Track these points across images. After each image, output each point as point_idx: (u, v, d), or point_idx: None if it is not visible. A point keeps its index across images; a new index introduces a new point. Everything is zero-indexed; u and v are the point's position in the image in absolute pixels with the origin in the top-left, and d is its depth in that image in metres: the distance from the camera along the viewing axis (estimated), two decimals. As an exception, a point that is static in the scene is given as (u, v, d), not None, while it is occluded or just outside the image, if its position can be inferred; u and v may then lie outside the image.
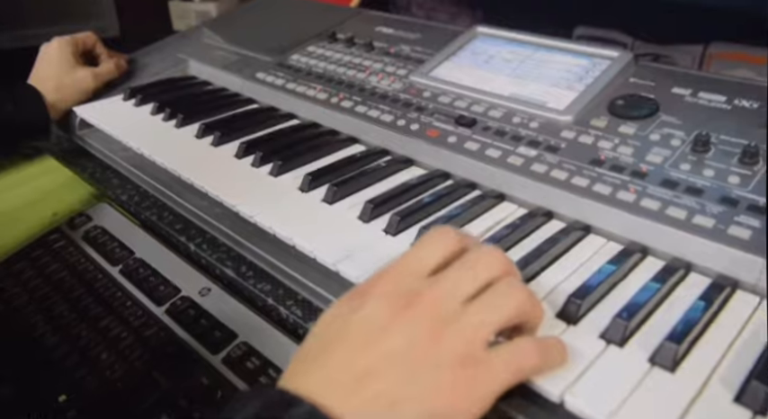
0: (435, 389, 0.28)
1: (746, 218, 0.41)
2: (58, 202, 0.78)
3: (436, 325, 0.29)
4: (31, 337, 0.55)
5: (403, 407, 0.27)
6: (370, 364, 0.28)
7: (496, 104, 0.59)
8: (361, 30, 0.80)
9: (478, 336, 0.30)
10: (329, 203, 0.51)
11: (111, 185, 0.70)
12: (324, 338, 0.30)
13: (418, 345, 0.29)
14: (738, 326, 0.36)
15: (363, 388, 0.27)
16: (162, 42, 0.91)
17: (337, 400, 0.26)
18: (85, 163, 0.75)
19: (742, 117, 0.51)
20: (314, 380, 0.27)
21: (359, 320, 0.30)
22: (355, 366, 0.28)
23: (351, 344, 0.29)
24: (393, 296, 0.30)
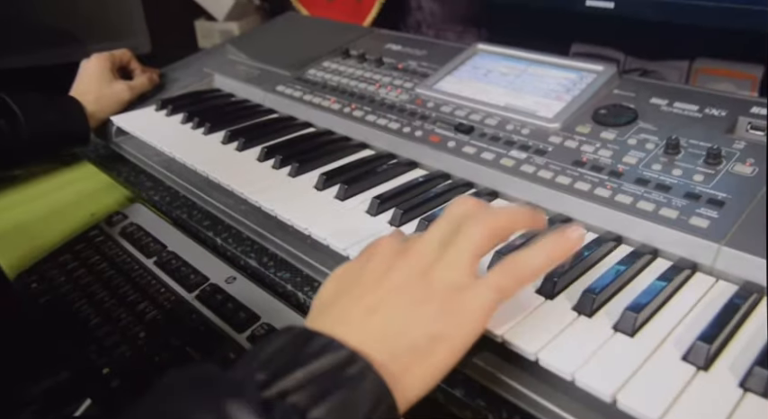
0: (432, 315, 0.34)
1: (706, 210, 0.47)
2: (95, 204, 0.86)
3: (425, 265, 0.35)
4: (77, 319, 0.62)
5: (407, 333, 0.33)
6: (376, 301, 0.34)
7: (492, 113, 0.65)
8: (372, 47, 0.87)
9: (461, 266, 0.35)
10: (341, 200, 0.58)
11: (144, 187, 0.77)
12: (336, 289, 0.37)
13: (413, 282, 0.35)
14: (693, 302, 0.42)
15: (371, 320, 0.33)
16: (189, 58, 0.99)
17: (350, 332, 0.32)
18: (121, 167, 0.82)
19: (710, 123, 0.57)
20: (329, 320, 0.34)
21: (364, 271, 0.36)
22: (363, 304, 0.34)
23: (358, 289, 0.35)
24: (391, 251, 0.37)
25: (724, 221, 0.46)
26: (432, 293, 0.34)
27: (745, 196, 0.48)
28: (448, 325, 0.34)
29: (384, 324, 0.33)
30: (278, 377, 0.29)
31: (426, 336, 0.33)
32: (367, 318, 0.33)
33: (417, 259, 0.36)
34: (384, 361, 0.31)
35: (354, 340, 0.31)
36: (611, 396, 0.35)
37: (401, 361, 0.32)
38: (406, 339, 0.33)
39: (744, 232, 0.45)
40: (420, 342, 0.33)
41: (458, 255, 0.36)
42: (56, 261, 0.71)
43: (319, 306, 0.36)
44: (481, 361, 0.41)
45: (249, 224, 0.61)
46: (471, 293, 0.35)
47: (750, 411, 0.33)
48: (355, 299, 0.34)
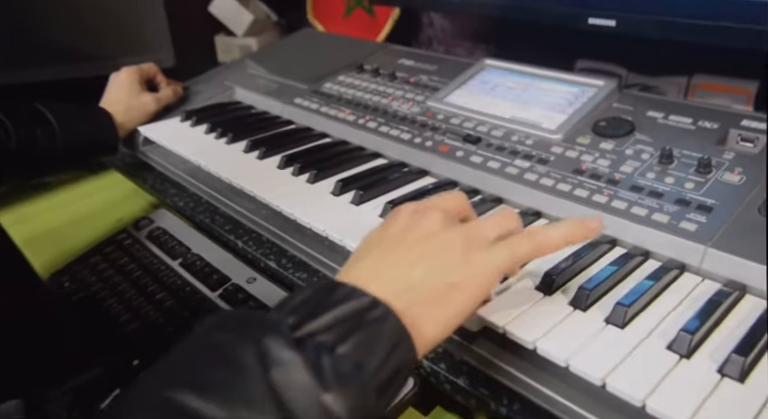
0: (451, 266, 0.37)
1: (695, 215, 0.51)
2: (121, 210, 0.90)
3: (445, 223, 0.40)
4: (108, 316, 0.66)
5: (427, 281, 0.37)
6: (397, 255, 0.38)
7: (498, 125, 0.69)
8: (385, 62, 0.91)
9: (479, 232, 0.40)
10: (356, 204, 0.62)
11: (169, 194, 0.81)
12: (362, 250, 0.40)
13: (433, 236, 0.39)
14: (680, 298, 0.46)
15: (393, 272, 0.37)
16: (211, 72, 1.04)
17: (373, 282, 0.36)
18: (146, 175, 0.87)
19: (703, 135, 0.61)
20: (355, 274, 0.37)
21: (387, 232, 0.40)
22: (386, 258, 0.38)
23: (381, 247, 0.39)
24: (411, 212, 0.41)
25: (711, 225, 0.50)
26: (453, 248, 0.38)
27: (733, 202, 0.51)
28: (465, 276, 0.37)
29: (405, 274, 0.37)
30: (307, 320, 0.33)
31: (445, 284, 0.37)
32: (388, 270, 0.37)
33: (436, 217, 0.40)
34: (404, 308, 0.35)
35: (376, 289, 0.35)
36: (601, 381, 0.38)
37: (418, 308, 0.36)
38: (426, 286, 0.36)
39: (729, 235, 0.48)
40: (439, 289, 0.37)
41: (478, 227, 0.40)
42: (87, 262, 0.75)
43: (346, 266, 0.40)
44: (485, 352, 0.44)
45: (269, 227, 0.65)
46: (488, 251, 0.39)
47: (726, 393, 0.37)
48: (378, 256, 0.38)
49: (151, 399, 0.31)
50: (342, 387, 0.30)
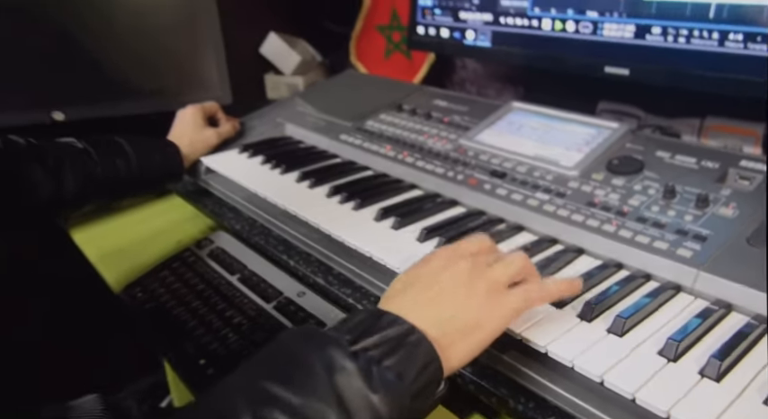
0: (476, 308, 0.46)
1: (691, 243, 0.59)
2: (182, 231, 1.01)
3: (473, 271, 0.48)
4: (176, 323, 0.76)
5: (455, 318, 0.45)
6: (432, 294, 0.47)
7: (522, 162, 0.78)
8: (422, 102, 1.01)
9: (500, 280, 0.48)
10: (396, 229, 0.71)
11: (227, 217, 0.91)
12: (402, 285, 0.49)
13: (462, 282, 0.47)
14: (674, 314, 0.53)
15: (428, 307, 0.46)
16: (264, 109, 1.15)
17: (412, 314, 0.44)
18: (206, 200, 0.97)
19: (704, 174, 0.68)
20: (396, 305, 0.46)
21: (423, 272, 0.49)
22: (423, 296, 0.47)
23: (419, 284, 0.48)
24: (446, 258, 0.50)
25: (705, 252, 0.57)
26: (476, 292, 0.47)
27: (725, 233, 0.59)
28: (485, 318, 0.46)
29: (438, 311, 0.46)
30: (361, 338, 0.42)
31: (469, 323, 0.46)
32: (425, 306, 0.46)
33: (470, 265, 0.49)
34: (435, 336, 0.44)
35: (414, 319, 0.44)
36: (599, 378, 0.46)
37: (448, 338, 0.45)
38: (455, 322, 0.45)
39: (719, 261, 0.56)
40: (464, 326, 0.46)
41: (500, 273, 0.49)
42: (156, 276, 0.85)
43: (388, 296, 0.49)
44: (505, 356, 0.52)
45: (318, 248, 0.74)
46: (506, 298, 0.48)
47: (703, 391, 0.44)
48: (417, 292, 0.48)
49: (244, 385, 0.41)
50: (386, 391, 0.40)
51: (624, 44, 0.81)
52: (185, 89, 1.13)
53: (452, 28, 1.02)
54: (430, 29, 1.05)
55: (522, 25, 0.92)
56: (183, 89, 1.13)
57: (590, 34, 0.85)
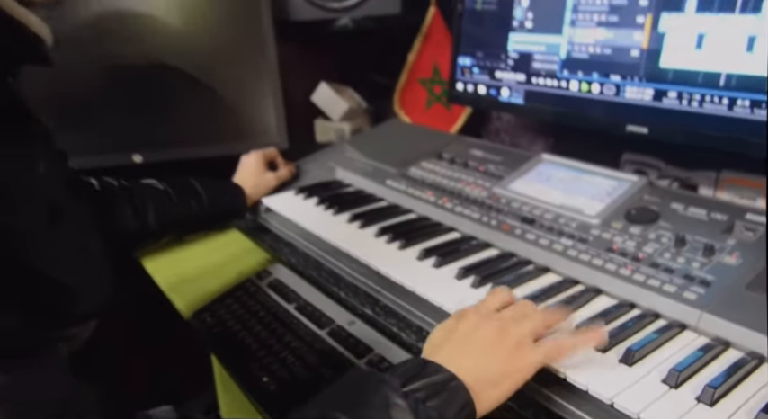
0: (502, 361, 0.55)
1: (697, 288, 0.67)
2: (242, 263, 1.12)
3: (502, 328, 0.57)
4: (241, 345, 0.86)
5: (487, 369, 0.55)
6: (467, 348, 0.56)
7: (550, 210, 0.87)
8: (460, 151, 1.12)
9: (524, 335, 0.58)
10: (436, 268, 0.81)
11: (284, 252, 1.02)
12: (442, 336, 0.59)
13: (492, 339, 0.57)
14: (678, 348, 0.62)
15: (465, 359, 0.55)
16: (316, 154, 1.27)
17: (452, 364, 0.54)
18: (264, 236, 1.09)
19: (713, 225, 0.77)
20: (439, 356, 0.56)
21: (460, 327, 0.59)
22: (460, 349, 0.56)
23: (456, 339, 0.58)
24: (478, 316, 0.59)
25: (708, 296, 0.66)
26: (504, 347, 0.57)
27: (727, 279, 0.67)
28: (511, 370, 0.56)
29: (474, 363, 0.55)
30: (410, 382, 0.52)
31: (498, 373, 0.55)
32: (463, 358, 0.56)
33: (498, 324, 0.59)
34: (470, 384, 0.53)
35: (454, 369, 0.54)
36: (610, 400, 0.55)
37: (480, 386, 0.54)
38: (487, 372, 0.55)
39: (720, 304, 0.64)
40: (495, 376, 0.55)
41: (524, 329, 0.58)
42: (222, 303, 0.97)
43: (431, 346, 0.59)
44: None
45: (366, 282, 0.85)
46: (530, 353, 0.57)
47: (698, 414, 0.53)
48: (455, 346, 0.57)
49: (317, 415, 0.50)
50: None
51: (644, 106, 0.91)
52: (248, 135, 1.26)
53: (489, 85, 1.13)
54: (468, 85, 1.16)
55: (552, 85, 1.02)
56: (245, 135, 1.27)
57: (613, 96, 0.95)
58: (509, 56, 1.08)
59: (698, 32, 0.83)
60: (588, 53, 0.97)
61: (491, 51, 1.11)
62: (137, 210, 0.92)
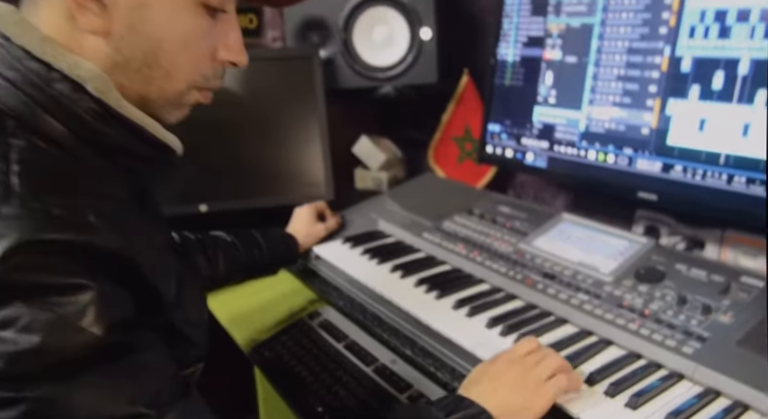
0: (525, 397, 0.69)
1: (694, 343, 0.79)
2: (291, 301, 1.26)
3: (526, 371, 0.71)
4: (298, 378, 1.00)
5: (512, 404, 0.68)
6: (498, 387, 0.69)
7: (569, 267, 1.00)
8: (488, 207, 1.25)
9: (543, 376, 0.70)
10: (469, 317, 0.94)
11: (332, 295, 1.15)
12: (477, 376, 0.72)
13: (517, 380, 0.70)
14: (675, 395, 0.73)
15: (494, 397, 0.68)
16: (359, 205, 1.42)
17: (484, 400, 0.67)
18: (313, 279, 1.22)
19: (712, 286, 0.88)
20: (473, 393, 0.69)
21: (491, 370, 0.72)
22: (491, 387, 0.69)
23: (489, 379, 0.71)
24: (507, 362, 0.73)
25: (703, 350, 0.77)
26: (530, 384, 0.70)
27: (721, 336, 0.79)
28: (532, 404, 0.69)
29: (501, 399, 0.69)
30: (450, 414, 0.65)
31: (521, 407, 0.68)
32: (493, 395, 0.69)
33: (524, 367, 0.72)
34: (498, 415, 0.66)
35: (485, 404, 0.67)
36: (615, 437, 0.67)
37: (506, 417, 0.67)
38: (511, 407, 0.68)
39: (714, 358, 0.76)
40: (517, 409, 0.68)
41: (542, 372, 0.71)
42: (279, 340, 1.10)
43: (467, 384, 0.73)
44: None
45: (406, 326, 0.97)
46: (546, 390, 0.70)
47: (687, 449, 0.64)
48: (485, 385, 0.71)
49: None
50: None
51: (653, 176, 1.04)
52: (299, 187, 1.41)
53: (515, 150, 1.27)
54: (497, 149, 1.30)
55: (572, 154, 1.16)
56: (297, 187, 1.42)
57: (626, 166, 1.07)
58: (534, 125, 1.22)
59: (700, 117, 0.96)
60: (604, 128, 1.10)
61: (518, 120, 1.25)
62: (209, 260, 1.07)
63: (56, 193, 0.51)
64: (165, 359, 0.55)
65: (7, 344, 0.45)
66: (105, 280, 0.50)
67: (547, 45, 1.20)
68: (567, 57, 1.16)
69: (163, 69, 0.60)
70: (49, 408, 0.46)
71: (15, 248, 0.46)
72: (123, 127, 0.59)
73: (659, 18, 1.01)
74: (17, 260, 0.46)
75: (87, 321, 0.47)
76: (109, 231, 0.51)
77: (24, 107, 0.54)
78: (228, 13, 0.62)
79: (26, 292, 0.46)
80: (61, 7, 0.56)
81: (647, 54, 1.03)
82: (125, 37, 0.57)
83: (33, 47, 0.54)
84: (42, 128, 0.55)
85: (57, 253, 0.48)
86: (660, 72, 1.02)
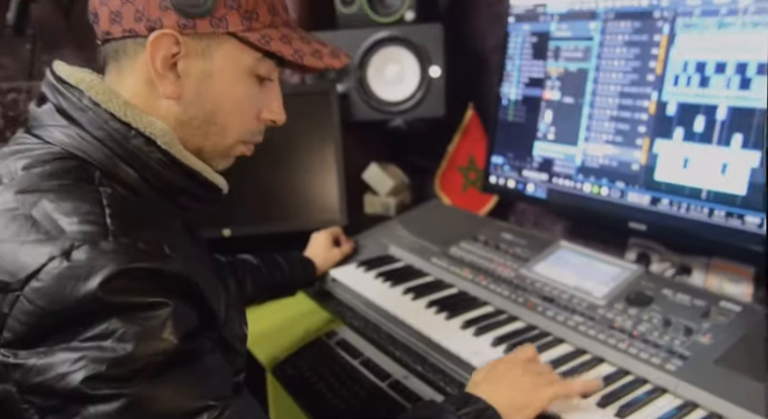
0: (525, 396, 0.78)
1: (676, 361, 0.88)
2: (308, 322, 1.35)
3: (526, 371, 0.81)
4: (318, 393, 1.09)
5: (514, 401, 0.77)
6: (501, 386, 0.79)
7: (566, 291, 1.10)
8: (492, 235, 1.35)
9: (541, 378, 0.80)
10: (476, 336, 1.03)
11: (347, 315, 1.25)
12: (483, 376, 0.82)
13: (518, 379, 0.80)
14: (658, 407, 0.83)
15: (498, 394, 0.78)
16: (371, 230, 1.52)
17: (489, 397, 0.76)
18: (329, 300, 1.32)
19: (694, 310, 0.98)
20: (479, 390, 0.78)
21: (496, 371, 0.82)
22: (494, 386, 0.79)
23: (494, 379, 0.80)
24: (509, 363, 0.82)
25: (684, 368, 0.87)
26: (529, 385, 0.80)
27: (700, 355, 0.89)
28: (531, 402, 0.79)
29: (504, 397, 0.78)
30: (460, 409, 0.74)
31: (522, 403, 0.78)
32: (496, 393, 0.78)
33: (523, 369, 0.82)
34: (501, 411, 0.76)
35: (490, 401, 0.76)
36: (605, 443, 0.76)
37: (509, 412, 0.77)
38: (513, 403, 0.77)
39: (693, 374, 0.85)
40: (519, 405, 0.78)
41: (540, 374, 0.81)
42: (299, 356, 1.20)
43: (474, 383, 0.82)
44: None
45: (417, 344, 1.07)
46: (545, 389, 0.80)
47: (668, 454, 0.74)
48: (490, 384, 0.80)
49: None
50: None
51: (642, 208, 1.14)
52: (315, 213, 1.51)
53: (517, 180, 1.37)
54: (500, 179, 1.41)
55: (570, 186, 1.26)
56: (313, 213, 1.52)
57: (618, 198, 1.18)
58: (534, 159, 1.33)
59: (684, 156, 1.07)
60: (598, 163, 1.21)
61: (520, 154, 1.36)
62: (239, 282, 1.17)
63: (139, 230, 0.61)
64: (224, 363, 0.66)
65: (107, 352, 0.55)
66: (178, 299, 0.61)
67: (546, 86, 1.31)
68: (565, 98, 1.27)
69: (218, 127, 0.72)
70: (140, 402, 0.56)
71: (113, 276, 0.56)
72: (184, 173, 0.70)
73: (647, 66, 1.12)
74: (114, 285, 0.56)
75: (167, 332, 0.58)
76: (179, 260, 0.62)
77: (107, 160, 0.66)
78: (273, 81, 0.73)
79: (120, 310, 0.57)
80: (144, 76, 0.68)
81: (637, 98, 1.14)
82: (192, 101, 0.69)
83: (117, 110, 0.66)
84: (120, 176, 0.66)
85: (143, 278, 0.58)
86: (648, 114, 1.12)
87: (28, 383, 0.57)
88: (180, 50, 0.67)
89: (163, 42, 0.66)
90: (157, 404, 0.57)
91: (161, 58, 0.66)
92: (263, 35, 0.70)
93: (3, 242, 0.59)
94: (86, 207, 0.60)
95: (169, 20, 0.65)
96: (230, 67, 0.70)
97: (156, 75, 0.67)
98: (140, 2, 0.65)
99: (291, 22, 0.76)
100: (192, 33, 0.66)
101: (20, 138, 0.70)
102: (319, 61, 0.73)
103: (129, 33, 0.67)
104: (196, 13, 0.66)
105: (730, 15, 1.00)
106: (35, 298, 0.56)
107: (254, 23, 0.69)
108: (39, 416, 0.58)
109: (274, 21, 0.71)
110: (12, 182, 0.63)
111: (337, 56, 0.75)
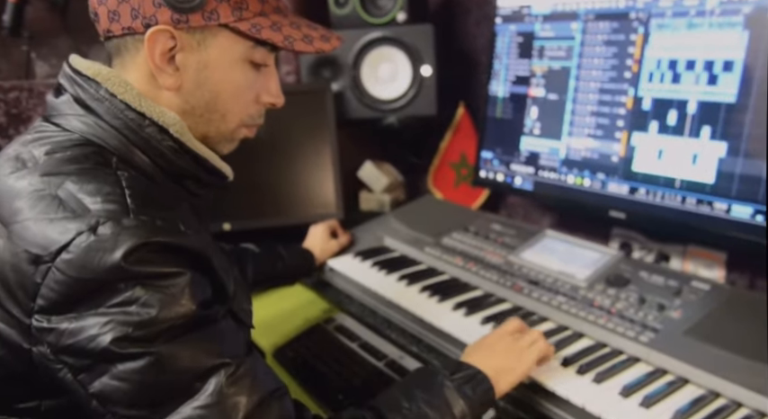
0: (512, 360, 0.85)
1: (649, 333, 0.96)
2: (307, 311, 1.42)
3: (514, 340, 0.88)
4: (318, 373, 1.16)
5: (503, 365, 0.84)
6: (492, 353, 0.86)
7: (550, 275, 1.17)
8: (482, 226, 1.43)
9: (525, 345, 0.88)
10: (466, 316, 1.10)
11: (344, 303, 1.32)
12: (475, 346, 0.89)
13: (506, 348, 0.87)
14: (632, 374, 0.90)
15: (489, 360, 0.84)
16: (367, 224, 1.59)
17: (480, 364, 0.83)
18: (327, 290, 1.38)
19: (667, 289, 1.06)
20: (471, 358, 0.85)
21: (487, 341, 0.89)
22: (485, 353, 0.86)
23: (485, 348, 0.88)
24: (499, 335, 0.90)
25: (657, 339, 0.94)
26: (515, 351, 0.87)
27: (671, 327, 0.96)
28: (520, 363, 0.86)
29: (493, 362, 0.85)
30: (454, 373, 0.81)
31: (510, 368, 0.85)
32: (488, 360, 0.85)
33: (511, 339, 0.89)
34: (491, 375, 0.83)
35: (481, 366, 0.83)
36: (581, 405, 0.83)
37: (498, 376, 0.83)
38: (503, 367, 0.84)
39: (664, 344, 0.93)
40: (506, 369, 0.85)
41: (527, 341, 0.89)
42: (300, 342, 1.26)
43: (467, 353, 0.89)
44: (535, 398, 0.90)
45: (412, 325, 1.14)
46: (529, 354, 0.87)
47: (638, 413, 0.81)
48: (481, 352, 0.87)
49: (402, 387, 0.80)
50: (466, 399, 0.79)
51: (621, 198, 1.22)
52: (312, 208, 1.59)
53: (505, 174, 1.45)
54: (489, 173, 1.49)
55: (554, 178, 1.34)
56: (311, 208, 1.59)
57: (599, 189, 1.26)
58: (521, 153, 1.40)
59: (659, 148, 1.15)
60: (581, 156, 1.28)
61: (508, 149, 1.43)
62: (241, 269, 1.24)
63: (156, 209, 0.68)
64: (236, 328, 0.73)
65: (133, 316, 0.62)
66: (194, 270, 0.67)
67: (532, 84, 1.39)
68: (549, 95, 1.35)
69: (219, 113, 0.78)
70: (163, 359, 0.63)
71: (135, 248, 0.63)
72: (192, 159, 0.77)
73: (624, 64, 1.20)
74: (136, 256, 0.63)
75: (186, 298, 0.65)
76: (193, 236, 0.69)
77: (123, 146, 0.72)
78: (269, 66, 0.80)
79: (143, 279, 0.63)
80: (146, 70, 0.74)
81: (615, 94, 1.22)
82: (192, 91, 0.76)
83: (132, 101, 0.73)
84: (135, 161, 0.73)
85: (162, 250, 0.65)
86: (626, 109, 1.20)
87: (61, 345, 0.63)
88: (176, 44, 0.72)
89: (159, 38, 0.71)
90: (179, 361, 0.64)
91: (159, 53, 0.72)
92: (254, 24, 0.74)
93: (31, 220, 0.65)
94: (108, 188, 0.67)
95: (163, 16, 0.71)
96: (225, 57, 0.74)
97: (155, 69, 0.73)
98: (135, 0, 0.71)
99: (283, 7, 0.80)
100: (186, 28, 0.72)
101: (39, 126, 0.76)
102: (309, 46, 0.78)
103: (128, 31, 0.72)
104: (188, 8, 0.71)
105: (698, 16, 1.08)
106: (66, 269, 0.62)
107: (244, 13, 0.74)
108: (72, 375, 0.64)
109: (264, 9, 0.76)
110: (36, 166, 0.69)
111: (328, 40, 0.80)
